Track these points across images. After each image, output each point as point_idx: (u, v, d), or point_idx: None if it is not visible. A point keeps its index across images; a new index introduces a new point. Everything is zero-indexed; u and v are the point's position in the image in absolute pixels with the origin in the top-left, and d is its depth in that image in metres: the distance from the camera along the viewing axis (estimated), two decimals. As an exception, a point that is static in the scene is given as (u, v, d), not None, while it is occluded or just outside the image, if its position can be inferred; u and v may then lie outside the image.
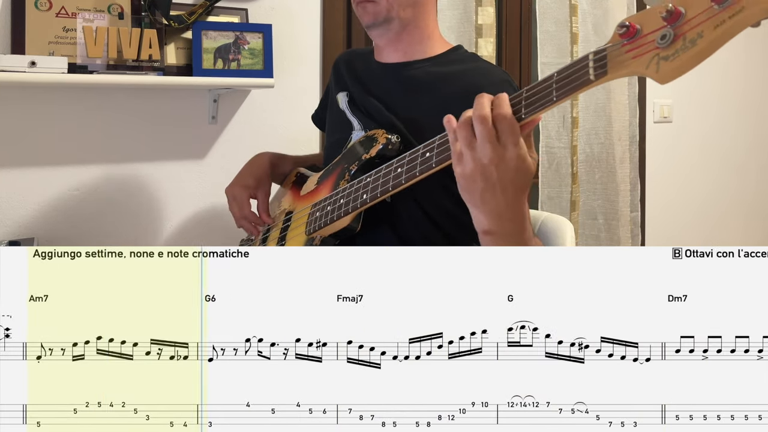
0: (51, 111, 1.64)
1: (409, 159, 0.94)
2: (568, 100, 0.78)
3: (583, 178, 2.37)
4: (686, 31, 0.65)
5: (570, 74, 0.76)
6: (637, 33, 0.69)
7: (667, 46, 0.66)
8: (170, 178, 1.78)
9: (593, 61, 0.74)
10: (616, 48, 0.72)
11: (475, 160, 0.81)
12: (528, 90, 0.82)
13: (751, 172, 2.91)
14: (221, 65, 1.70)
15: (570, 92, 0.76)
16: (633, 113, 2.45)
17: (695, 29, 0.64)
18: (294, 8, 1.93)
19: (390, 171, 0.97)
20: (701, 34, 0.63)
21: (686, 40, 0.64)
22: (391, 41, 1.17)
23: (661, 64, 0.67)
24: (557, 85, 0.78)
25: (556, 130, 2.32)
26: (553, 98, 0.78)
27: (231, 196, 1.33)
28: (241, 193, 1.32)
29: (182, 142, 1.79)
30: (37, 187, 1.63)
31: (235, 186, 1.33)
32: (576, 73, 0.76)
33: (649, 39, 0.68)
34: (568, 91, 0.76)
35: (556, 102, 0.78)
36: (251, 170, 1.36)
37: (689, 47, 0.64)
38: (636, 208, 2.49)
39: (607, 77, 0.73)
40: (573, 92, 0.76)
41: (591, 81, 0.74)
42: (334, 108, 1.28)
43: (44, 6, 1.56)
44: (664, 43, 0.66)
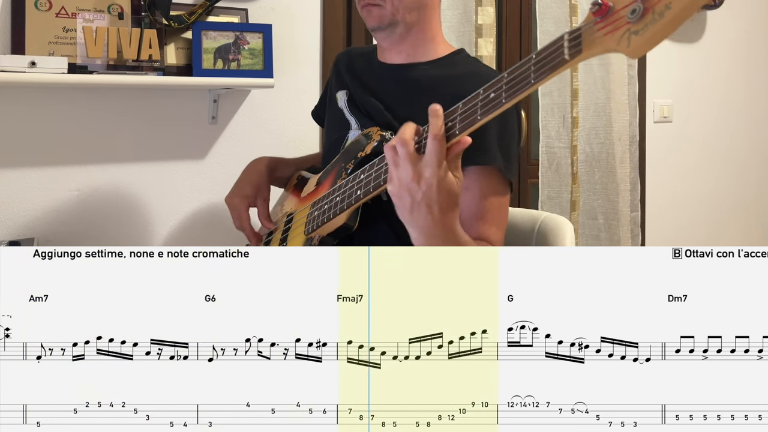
0: (51, 111, 1.64)
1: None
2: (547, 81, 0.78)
3: (583, 178, 2.37)
4: (655, 4, 0.65)
5: (547, 55, 0.77)
6: (610, 10, 0.70)
7: (637, 20, 0.66)
8: (170, 178, 1.78)
9: (568, 41, 0.74)
10: (589, 26, 0.72)
11: (399, 179, 0.88)
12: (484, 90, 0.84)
13: (752, 172, 2.91)
14: (221, 65, 1.70)
15: (547, 73, 0.76)
16: (633, 113, 2.45)
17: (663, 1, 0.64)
18: (294, 8, 1.93)
19: (382, 166, 0.97)
20: (669, 6, 0.64)
21: (655, 12, 0.65)
22: (395, 43, 1.18)
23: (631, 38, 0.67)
24: (535, 67, 0.78)
25: (556, 130, 2.32)
26: (531, 80, 0.78)
27: (230, 206, 1.32)
28: (240, 203, 1.31)
29: (182, 142, 1.79)
30: (37, 187, 1.63)
31: (234, 197, 1.32)
32: (552, 54, 0.76)
33: (621, 14, 0.68)
34: (545, 72, 0.76)
35: (534, 84, 0.78)
36: (249, 178, 1.35)
37: (658, 20, 0.64)
38: (636, 208, 2.49)
39: (582, 56, 0.73)
40: (550, 73, 0.76)
41: (566, 60, 0.74)
42: (333, 106, 1.28)
43: (44, 6, 1.56)
44: (634, 17, 0.67)
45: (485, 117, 0.84)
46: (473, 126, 0.85)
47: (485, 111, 0.84)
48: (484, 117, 0.84)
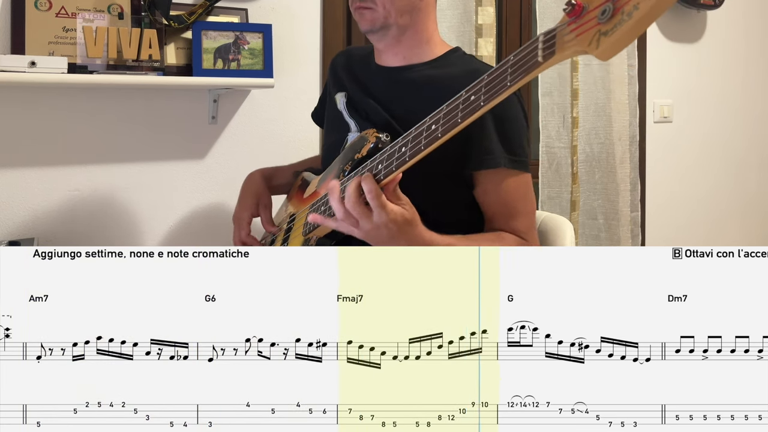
0: (51, 111, 1.64)
1: (389, 154, 0.94)
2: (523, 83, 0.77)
3: (583, 178, 2.37)
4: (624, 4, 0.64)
5: (522, 57, 0.76)
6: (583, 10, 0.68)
7: (607, 20, 0.65)
8: (170, 178, 1.78)
9: (542, 42, 0.73)
10: (563, 27, 0.71)
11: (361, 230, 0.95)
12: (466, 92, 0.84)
13: (751, 172, 2.91)
14: (221, 65, 1.70)
15: (522, 75, 0.75)
16: (633, 113, 2.45)
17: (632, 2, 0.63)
18: (294, 8, 1.93)
19: (372, 168, 0.97)
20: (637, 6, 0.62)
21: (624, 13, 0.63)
22: (390, 46, 1.18)
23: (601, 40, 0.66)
24: (512, 69, 0.77)
25: (556, 130, 2.32)
26: (507, 83, 0.77)
27: (235, 221, 1.35)
28: (244, 215, 1.34)
29: (182, 142, 1.79)
30: (37, 187, 1.63)
31: (238, 211, 1.36)
32: (527, 57, 0.75)
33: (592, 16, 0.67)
34: (521, 74, 0.76)
35: (510, 87, 0.77)
36: (248, 190, 1.38)
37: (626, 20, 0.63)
38: (636, 208, 2.49)
39: (555, 58, 0.72)
40: (524, 75, 0.75)
41: (540, 63, 0.73)
42: (332, 108, 1.28)
43: (44, 6, 1.56)
44: (604, 18, 0.65)
45: (465, 120, 0.84)
46: (455, 128, 0.85)
47: (465, 114, 0.84)
48: (464, 120, 0.84)
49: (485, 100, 0.81)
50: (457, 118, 0.85)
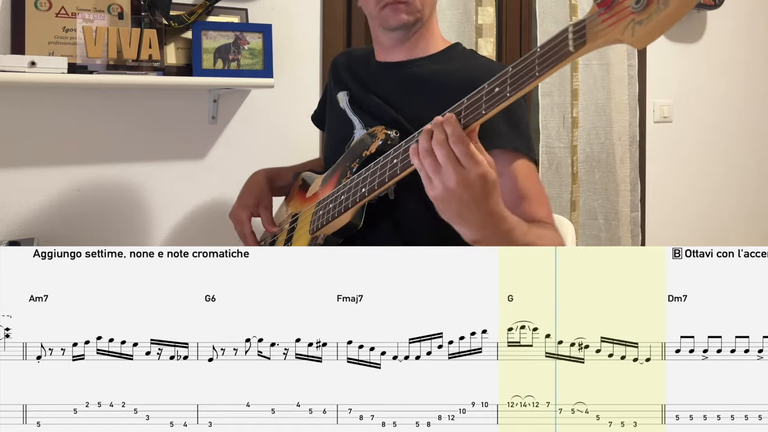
0: (51, 111, 1.64)
1: (404, 149, 0.94)
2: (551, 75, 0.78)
3: (583, 178, 2.37)
4: None
5: (551, 48, 0.77)
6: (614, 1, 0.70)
7: (641, 10, 0.67)
8: (170, 178, 1.78)
9: (572, 33, 0.74)
10: (593, 18, 0.72)
11: (443, 183, 0.84)
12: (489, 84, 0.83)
13: (752, 172, 2.91)
14: (221, 65, 1.70)
15: (552, 65, 0.76)
16: (633, 113, 2.45)
17: None
18: (294, 8, 1.93)
19: (386, 162, 0.97)
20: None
21: (659, 2, 0.65)
22: (401, 41, 1.19)
23: (636, 28, 0.67)
24: (540, 60, 0.78)
25: (556, 130, 2.32)
26: (536, 73, 0.78)
27: (233, 218, 1.35)
28: (241, 213, 1.33)
29: (182, 142, 1.79)
30: (37, 187, 1.63)
31: (236, 209, 1.35)
32: (556, 47, 0.76)
33: (625, 5, 0.68)
34: (550, 65, 0.76)
35: (539, 77, 0.78)
36: (249, 190, 1.38)
37: (662, 9, 0.64)
38: (636, 208, 2.49)
39: (586, 48, 0.73)
40: (555, 65, 0.76)
41: (571, 52, 0.74)
42: (334, 108, 1.28)
43: (44, 6, 1.56)
44: (638, 7, 0.67)
45: (490, 111, 0.84)
46: (479, 120, 0.85)
47: (490, 105, 0.84)
48: (488, 111, 0.84)
49: (512, 90, 0.81)
50: (481, 110, 0.84)
